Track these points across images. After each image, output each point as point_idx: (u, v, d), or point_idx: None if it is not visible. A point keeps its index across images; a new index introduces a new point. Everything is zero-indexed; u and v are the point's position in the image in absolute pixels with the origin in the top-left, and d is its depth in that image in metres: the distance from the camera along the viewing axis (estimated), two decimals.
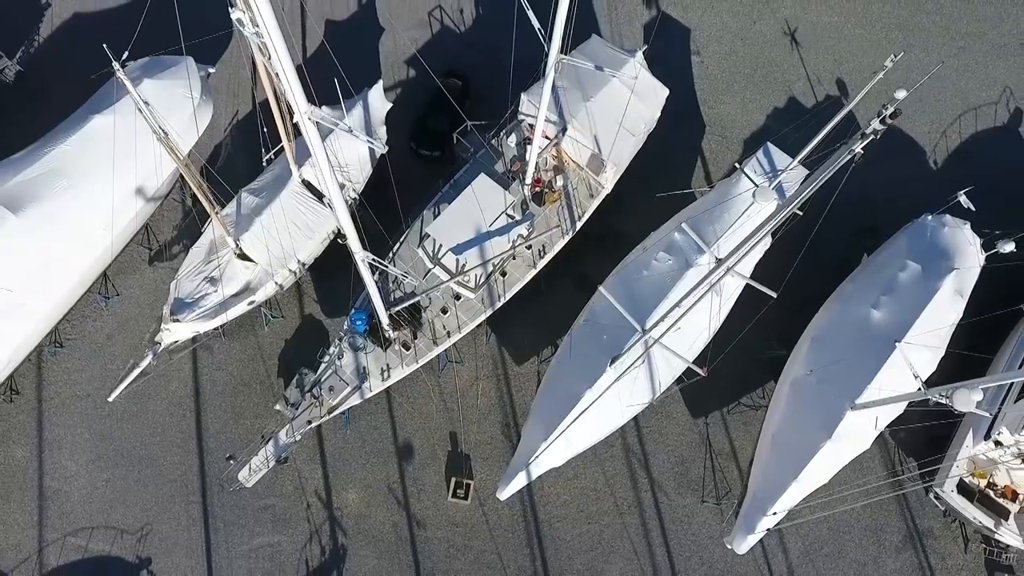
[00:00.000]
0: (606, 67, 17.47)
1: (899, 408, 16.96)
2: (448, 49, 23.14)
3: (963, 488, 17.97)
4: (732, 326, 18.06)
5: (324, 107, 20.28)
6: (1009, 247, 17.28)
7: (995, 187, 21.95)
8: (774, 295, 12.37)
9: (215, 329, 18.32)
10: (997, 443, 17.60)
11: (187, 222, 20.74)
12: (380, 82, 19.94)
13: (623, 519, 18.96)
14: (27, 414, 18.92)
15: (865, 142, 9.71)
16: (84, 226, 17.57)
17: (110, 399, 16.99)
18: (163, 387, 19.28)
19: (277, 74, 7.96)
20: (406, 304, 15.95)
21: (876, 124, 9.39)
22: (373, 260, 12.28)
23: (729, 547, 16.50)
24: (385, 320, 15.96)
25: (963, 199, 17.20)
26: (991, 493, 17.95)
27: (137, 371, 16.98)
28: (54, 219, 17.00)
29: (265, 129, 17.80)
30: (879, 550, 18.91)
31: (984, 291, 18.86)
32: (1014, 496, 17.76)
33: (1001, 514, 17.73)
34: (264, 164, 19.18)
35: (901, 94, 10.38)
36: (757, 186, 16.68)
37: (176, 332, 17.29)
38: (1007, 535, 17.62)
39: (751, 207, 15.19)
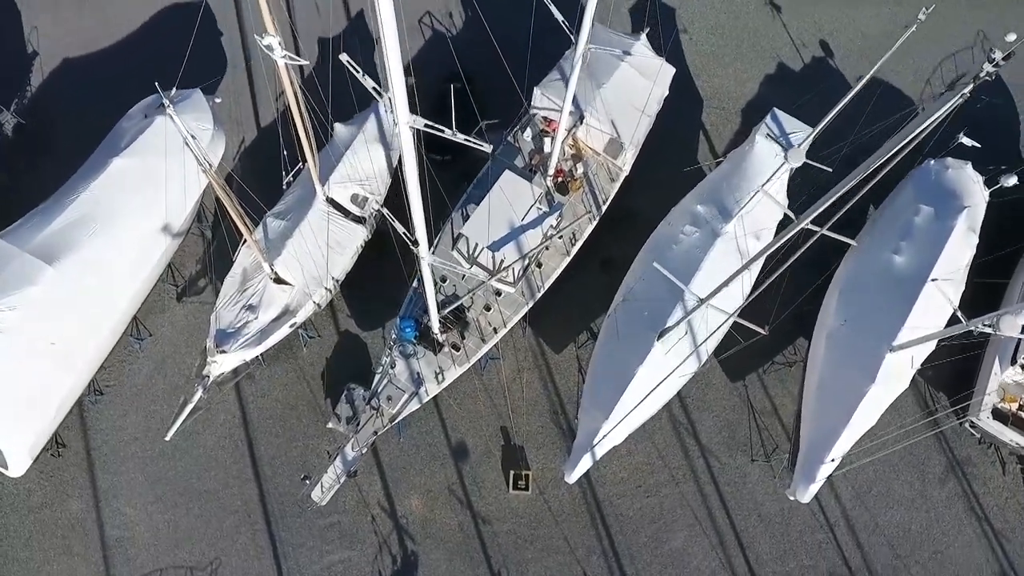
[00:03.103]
0: (615, 51, 17.96)
1: (932, 345, 17.74)
2: (444, 53, 23.34)
3: (996, 414, 18.87)
4: (768, 291, 18.63)
5: (338, 124, 20.37)
6: (1012, 180, 18.11)
7: (983, 125, 22.89)
8: (854, 244, 12.45)
9: (257, 357, 18.39)
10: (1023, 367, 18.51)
11: (210, 254, 20.69)
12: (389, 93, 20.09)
13: (680, 488, 19.49)
14: (77, 466, 18.75)
15: (976, 84, 9.82)
16: (118, 269, 17.50)
17: (167, 438, 16.97)
18: (211, 421, 19.25)
19: (375, 87, 8.24)
20: (454, 306, 16.24)
21: (988, 68, 9.57)
22: (439, 263, 12.53)
23: (792, 498, 17.11)
24: (436, 323, 16.23)
25: (965, 139, 17.99)
26: (1023, 415, 18.88)
27: (190, 407, 17.00)
28: (89, 265, 16.90)
29: (285, 152, 17.88)
30: (924, 484, 19.75)
31: (993, 224, 19.77)
32: None
33: None
34: (284, 187, 19.26)
35: (1011, 37, 10.36)
36: (788, 148, 17.32)
37: (224, 363, 17.32)
38: None
39: (781, 169, 15.72)
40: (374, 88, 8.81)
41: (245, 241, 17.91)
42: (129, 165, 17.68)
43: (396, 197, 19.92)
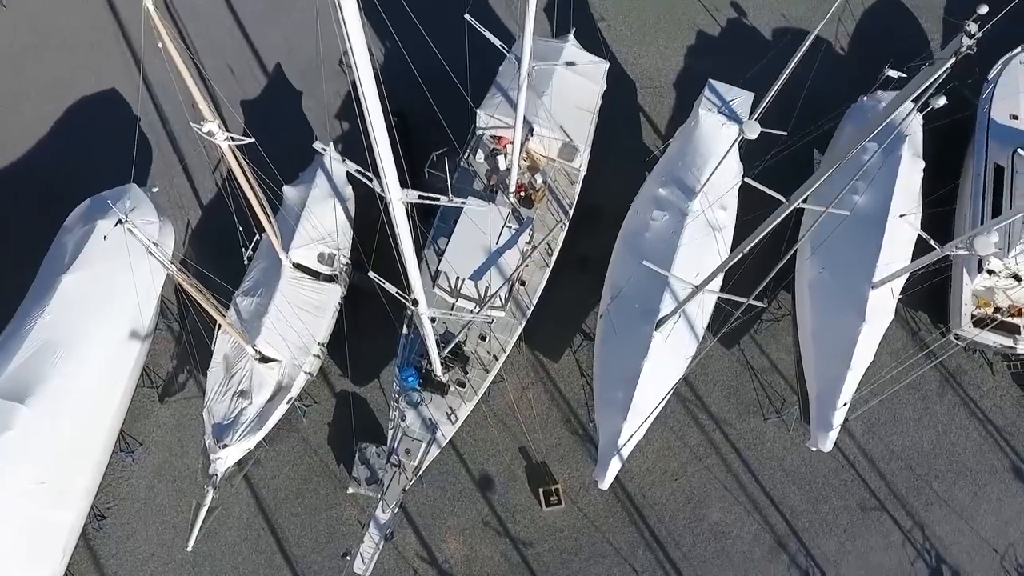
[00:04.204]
0: (549, 58, 17.99)
1: (906, 275, 18.43)
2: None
3: (976, 321, 19.80)
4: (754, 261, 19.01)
5: (286, 186, 19.80)
6: (941, 101, 18.73)
7: (902, 55, 23.89)
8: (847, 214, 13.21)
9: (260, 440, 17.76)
10: (990, 272, 19.46)
11: (185, 348, 19.84)
12: (330, 143, 19.64)
13: (704, 463, 19.80)
14: None
15: (958, 58, 9.77)
16: (92, 389, 16.62)
17: (188, 548, 16.24)
18: (227, 516, 18.53)
19: (361, 170, 7.98)
20: (451, 345, 16.02)
21: (968, 42, 9.46)
22: (439, 313, 12.31)
23: (814, 449, 17.53)
24: (439, 368, 15.98)
25: (891, 71, 18.71)
26: (999, 316, 19.87)
27: (204, 510, 16.32)
28: (62, 393, 15.97)
29: (240, 228, 17.25)
30: (925, 402, 20.60)
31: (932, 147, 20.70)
32: (1019, 312, 19.73)
33: (1013, 331, 19.69)
34: (245, 262, 18.60)
35: (984, 10, 10.43)
36: (735, 119, 17.69)
37: (229, 457, 16.70)
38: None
39: (737, 140, 16.02)
40: (358, 171, 8.52)
41: (221, 327, 17.28)
42: (80, 280, 16.79)
43: (377, 248, 19.34)
